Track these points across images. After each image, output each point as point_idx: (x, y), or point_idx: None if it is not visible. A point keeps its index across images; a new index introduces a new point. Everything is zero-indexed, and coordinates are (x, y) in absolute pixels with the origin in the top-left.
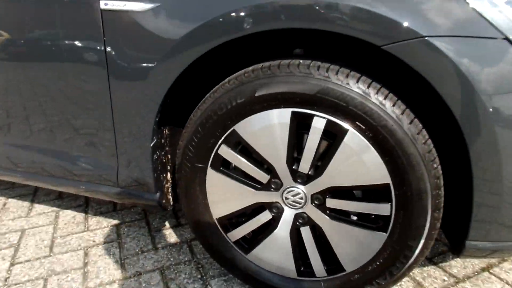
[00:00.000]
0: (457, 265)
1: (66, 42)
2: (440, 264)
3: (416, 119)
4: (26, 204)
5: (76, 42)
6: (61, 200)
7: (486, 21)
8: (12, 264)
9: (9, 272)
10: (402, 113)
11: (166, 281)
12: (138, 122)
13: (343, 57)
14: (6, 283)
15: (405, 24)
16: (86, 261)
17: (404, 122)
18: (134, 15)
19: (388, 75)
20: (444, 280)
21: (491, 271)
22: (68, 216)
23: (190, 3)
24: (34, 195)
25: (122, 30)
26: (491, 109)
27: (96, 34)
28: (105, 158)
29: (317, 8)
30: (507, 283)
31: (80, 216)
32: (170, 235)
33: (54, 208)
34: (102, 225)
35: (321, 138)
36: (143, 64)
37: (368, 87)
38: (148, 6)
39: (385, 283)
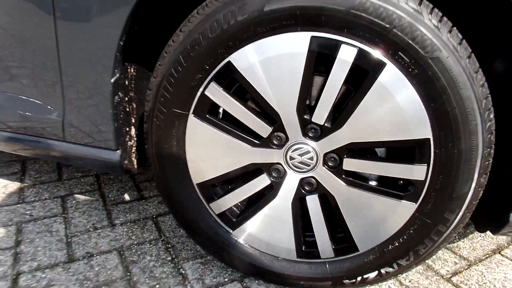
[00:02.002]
0: (466, 247)
1: None
2: (448, 246)
3: (473, 54)
4: None
5: None
6: None
7: None
8: None
9: None
10: (460, 43)
11: (126, 264)
12: (93, 47)
13: None
14: None
15: None
16: (19, 239)
17: (463, 55)
18: None
19: None
20: (456, 263)
21: (502, 253)
22: None
23: None
24: None
25: None
26: None
27: None
28: (45, 101)
29: None
30: None
31: (13, 185)
32: (131, 210)
33: None
34: (42, 197)
35: (348, 76)
36: None
37: (420, 4)
38: None
39: (407, 264)
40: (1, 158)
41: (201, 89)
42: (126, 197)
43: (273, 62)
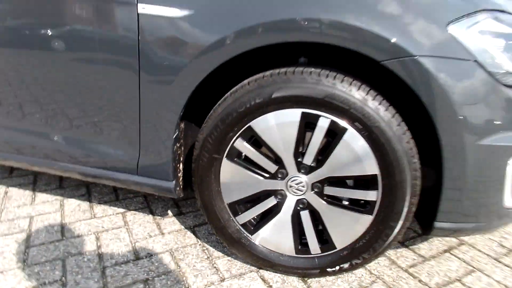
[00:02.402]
0: (425, 248)
1: (103, 39)
2: (410, 247)
3: (402, 122)
4: (28, 193)
5: (111, 40)
6: (62, 189)
7: (462, 46)
8: (27, 247)
9: (25, 254)
10: (392, 117)
11: (176, 261)
12: (164, 115)
13: (336, 66)
14: (25, 263)
15: (403, 44)
16: (98, 244)
17: (393, 124)
18: (168, 21)
19: (381, 84)
20: (414, 259)
21: (451, 252)
22: (73, 204)
23: (220, 15)
24: (34, 185)
25: (156, 32)
26: (461, 117)
27: (131, 35)
28: (127, 147)
29: (324, 25)
30: (463, 261)
31: (84, 204)
32: (174, 222)
33: (58, 197)
34: (107, 213)
35: (325, 135)
36: (175, 65)
37: (367, 94)
38: (183, 13)
39: (369, 257)
40: (70, 182)
41: (231, 143)
42: (169, 212)
43: (278, 126)
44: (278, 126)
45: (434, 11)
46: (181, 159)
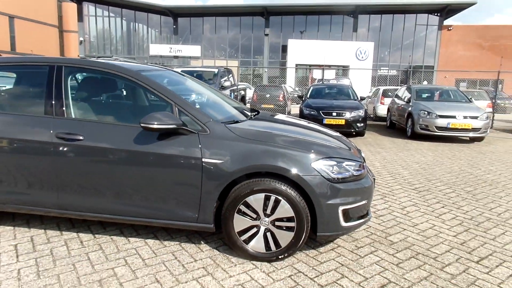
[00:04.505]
0: (322, 249)
1: (188, 165)
2: (316, 249)
3: (301, 196)
4: (122, 237)
5: (192, 165)
6: (140, 235)
7: (316, 170)
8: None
9: (144, 263)
10: (296, 195)
11: (213, 260)
12: (212, 196)
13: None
14: (141, 266)
15: (293, 170)
16: (175, 256)
17: (297, 197)
18: (215, 164)
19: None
20: (316, 253)
21: (333, 250)
22: (151, 242)
23: (235, 161)
24: (122, 234)
25: (210, 166)
26: (319, 194)
27: (199, 165)
28: (192, 210)
29: (267, 165)
30: (336, 252)
31: (157, 241)
32: (206, 246)
33: (142, 239)
34: (170, 244)
35: (274, 202)
36: (219, 177)
37: (287, 187)
38: (219, 161)
39: (294, 250)
40: (143, 230)
41: (238, 206)
42: (202, 242)
43: (256, 200)
44: (256, 199)
45: (304, 159)
46: (214, 213)
